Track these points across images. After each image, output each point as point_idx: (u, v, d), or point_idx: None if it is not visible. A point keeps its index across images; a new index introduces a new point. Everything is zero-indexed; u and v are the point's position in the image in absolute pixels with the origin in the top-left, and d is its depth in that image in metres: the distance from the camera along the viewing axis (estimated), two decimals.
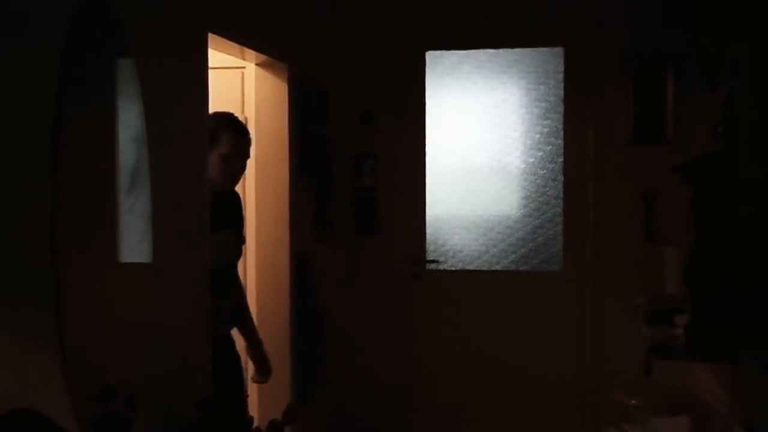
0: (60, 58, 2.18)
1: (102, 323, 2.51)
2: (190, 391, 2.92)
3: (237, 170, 3.51)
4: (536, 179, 5.02)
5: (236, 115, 3.63)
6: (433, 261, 5.09)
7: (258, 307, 4.23)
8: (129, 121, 2.63)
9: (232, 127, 3.46)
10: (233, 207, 3.68)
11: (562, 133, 4.97)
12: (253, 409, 3.89)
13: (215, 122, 3.39)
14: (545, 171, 5.01)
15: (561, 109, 4.97)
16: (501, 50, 5.04)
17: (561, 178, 4.98)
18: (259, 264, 4.26)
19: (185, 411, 2.75)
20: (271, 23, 4.08)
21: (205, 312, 3.23)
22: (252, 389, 4.07)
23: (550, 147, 4.99)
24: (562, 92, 4.96)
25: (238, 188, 3.74)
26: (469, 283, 5.08)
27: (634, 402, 4.20)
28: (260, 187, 4.24)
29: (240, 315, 3.73)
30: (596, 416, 4.79)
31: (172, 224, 2.88)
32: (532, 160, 5.03)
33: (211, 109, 3.33)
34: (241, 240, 3.74)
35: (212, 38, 3.37)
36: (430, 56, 5.09)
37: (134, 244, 2.72)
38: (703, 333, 3.32)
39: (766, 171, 3.07)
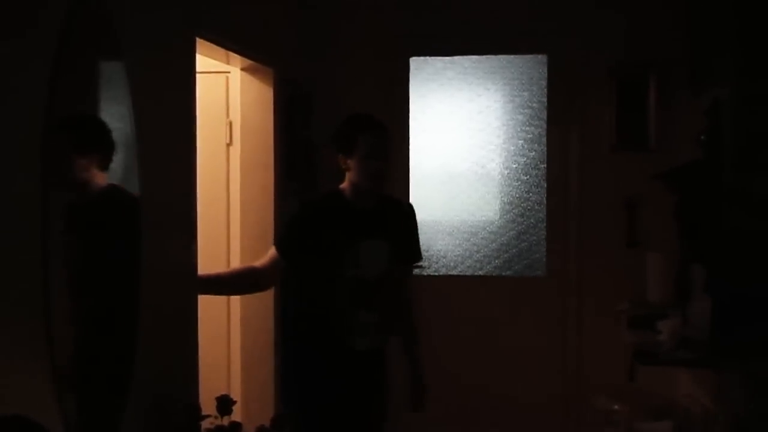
0: (50, 61, 2.17)
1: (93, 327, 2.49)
2: (175, 397, 2.90)
3: (376, 171, 3.41)
4: (519, 185, 5.04)
5: (372, 114, 3.53)
6: (417, 266, 5.08)
7: (242, 311, 4.21)
8: (116, 125, 2.61)
9: (366, 128, 3.43)
10: (390, 216, 3.57)
11: (545, 139, 4.99)
12: (237, 415, 3.87)
13: (349, 126, 3.47)
14: (528, 177, 5.03)
15: (544, 115, 4.99)
16: (485, 57, 5.06)
17: (544, 184, 5.00)
18: None
19: (171, 417, 2.74)
20: (256, 28, 4.07)
21: (192, 316, 3.21)
22: (235, 393, 4.05)
23: (534, 153, 5.01)
24: (545, 99, 4.99)
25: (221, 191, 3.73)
26: (453, 288, 5.09)
27: (617, 407, 4.22)
28: (245, 193, 4.22)
29: (387, 332, 3.57)
30: (579, 422, 4.81)
31: (159, 226, 2.86)
32: (515, 166, 5.04)
33: (198, 114, 3.32)
34: (403, 254, 3.59)
35: (198, 42, 3.36)
36: (415, 62, 5.10)
37: (121, 246, 2.70)
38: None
39: (750, 179, 3.10)
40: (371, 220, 3.47)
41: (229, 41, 3.71)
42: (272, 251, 3.52)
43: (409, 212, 3.68)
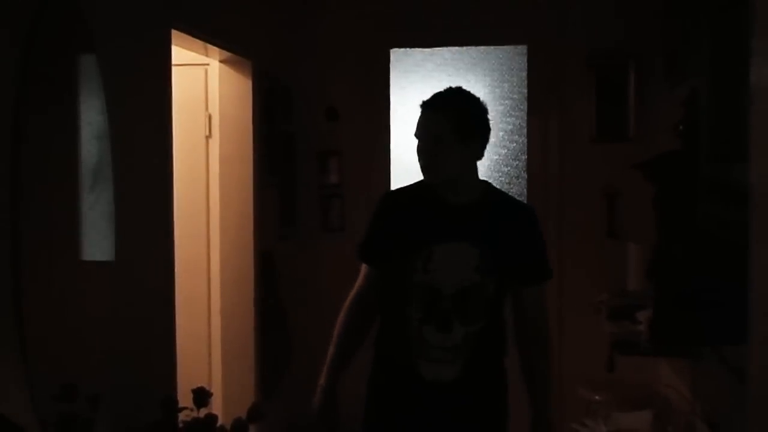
0: (20, 54, 2.15)
1: (63, 322, 2.48)
2: (154, 390, 2.89)
3: (421, 153, 2.75)
4: (500, 176, 5.04)
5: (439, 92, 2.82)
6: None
7: (222, 306, 4.20)
8: (91, 118, 2.60)
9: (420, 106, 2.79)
10: (494, 217, 2.79)
11: (525, 130, 4.99)
12: (217, 407, 3.87)
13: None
14: (509, 168, 5.03)
15: (525, 106, 5.00)
16: (465, 48, 5.06)
17: (525, 175, 5.00)
18: (224, 263, 4.23)
19: (148, 411, 2.73)
20: (234, 20, 4.06)
21: (169, 309, 3.20)
22: (215, 386, 4.05)
23: (514, 144, 5.02)
24: (525, 90, 4.99)
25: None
26: None
27: (597, 398, 4.23)
28: (224, 185, 4.21)
29: (475, 362, 2.77)
30: (559, 412, 4.82)
31: (134, 221, 2.85)
32: (496, 157, 5.04)
33: (174, 106, 3.30)
34: (516, 268, 2.78)
35: (175, 35, 3.35)
36: (395, 53, 5.09)
37: (96, 241, 2.69)
38: (668, 328, 3.36)
39: (726, 169, 3.10)
40: (460, 218, 2.73)
41: (207, 33, 3.69)
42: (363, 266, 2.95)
43: (528, 217, 2.87)
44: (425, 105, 2.76)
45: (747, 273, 2.10)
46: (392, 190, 3.07)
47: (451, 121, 2.71)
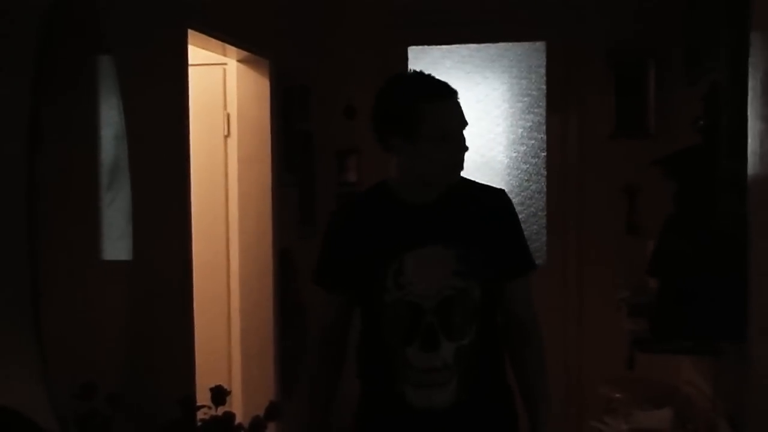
0: (35, 54, 2.17)
1: (83, 321, 2.50)
2: (172, 389, 2.91)
3: (451, 157, 2.40)
4: (519, 174, 5.03)
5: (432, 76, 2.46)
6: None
7: (241, 304, 4.22)
8: (111, 118, 2.61)
9: (436, 95, 2.38)
10: (463, 210, 2.41)
11: (544, 127, 4.97)
12: (237, 405, 3.88)
13: (407, 93, 2.40)
14: (528, 165, 5.01)
15: (543, 103, 4.98)
16: (483, 45, 5.04)
17: (544, 172, 4.98)
18: (243, 262, 4.24)
19: (167, 409, 2.74)
20: (251, 19, 4.07)
21: (187, 310, 3.21)
22: (235, 384, 4.06)
23: (533, 141, 5.00)
24: (544, 87, 4.97)
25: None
26: None
27: (617, 395, 4.21)
28: (243, 184, 4.22)
29: (469, 381, 2.36)
30: (579, 410, 4.80)
31: (152, 221, 2.87)
32: (515, 154, 5.03)
33: (191, 107, 3.31)
34: (495, 263, 2.38)
35: (193, 35, 3.36)
36: (413, 51, 5.07)
37: (114, 240, 2.71)
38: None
39: (745, 165, 3.08)
40: (428, 218, 2.36)
41: (224, 33, 3.70)
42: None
43: (500, 202, 2.48)
44: (451, 92, 2.38)
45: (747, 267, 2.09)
46: (344, 202, 2.69)
47: (461, 109, 2.42)
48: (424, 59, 5.09)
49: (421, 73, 2.42)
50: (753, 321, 2.01)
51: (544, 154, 4.98)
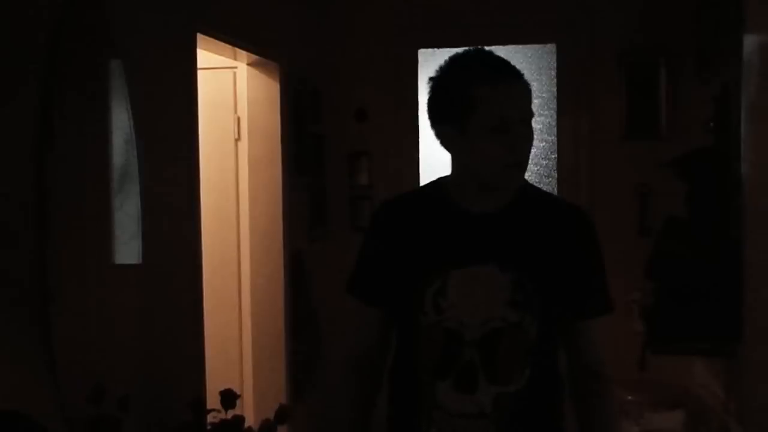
0: (46, 58, 2.18)
1: (93, 323, 2.51)
2: (182, 392, 2.92)
3: (514, 153, 1.99)
4: (530, 175, 4.99)
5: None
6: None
7: (252, 307, 4.22)
8: (118, 122, 2.63)
9: (496, 78, 2.02)
10: (531, 227, 2.03)
11: (555, 129, 4.96)
12: (248, 408, 3.89)
13: (461, 75, 2.06)
14: (539, 167, 5.00)
15: (554, 105, 4.96)
16: (493, 47, 4.98)
17: (555, 174, 4.97)
18: (254, 264, 4.25)
19: (177, 413, 2.75)
20: (262, 22, 4.08)
21: (198, 312, 3.22)
22: (246, 388, 4.07)
23: (544, 143, 4.98)
24: (555, 88, 4.95)
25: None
26: None
27: (629, 397, 4.19)
28: (254, 188, 4.23)
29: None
30: None
31: (162, 224, 2.88)
32: None
33: (201, 111, 3.32)
34: (565, 298, 2.02)
35: (203, 39, 3.37)
36: (423, 54, 5.07)
37: (125, 244, 2.72)
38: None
39: None
40: (484, 231, 1.99)
41: (234, 37, 3.71)
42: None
43: (580, 224, 2.10)
44: (512, 74, 1.99)
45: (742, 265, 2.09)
46: (391, 200, 2.21)
47: (531, 94, 2.01)
48: (435, 62, 5.02)
49: (479, 51, 2.06)
50: (749, 321, 2.01)
51: (555, 155, 4.96)
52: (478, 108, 1.92)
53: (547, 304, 1.96)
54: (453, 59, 2.06)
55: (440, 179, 2.12)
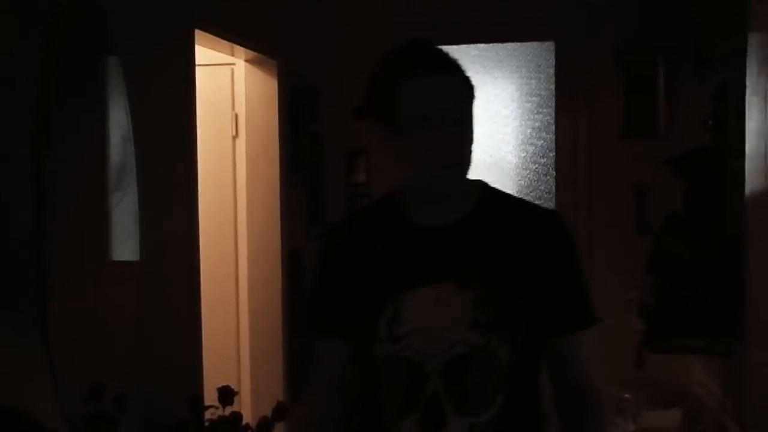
0: (42, 55, 2.17)
1: (90, 321, 2.50)
2: (179, 389, 2.91)
3: (446, 142, 1.78)
4: (528, 174, 5.02)
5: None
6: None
7: (250, 305, 4.22)
8: (115, 119, 2.62)
9: (419, 68, 1.80)
10: (493, 237, 1.81)
11: (553, 127, 4.96)
12: (245, 405, 3.88)
13: (388, 68, 1.89)
14: (537, 166, 5.00)
15: (552, 103, 4.96)
16: (492, 45, 5.03)
17: (553, 172, 4.97)
18: (251, 262, 4.24)
19: (174, 410, 2.74)
20: (260, 19, 4.07)
21: (195, 309, 3.21)
22: (244, 385, 4.06)
23: (542, 142, 4.99)
24: (553, 87, 4.95)
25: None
26: None
27: (626, 396, 4.20)
28: (251, 185, 4.22)
29: None
30: None
31: (159, 221, 2.87)
32: (524, 154, 5.02)
33: (199, 108, 3.32)
34: (541, 314, 1.78)
35: (200, 35, 3.36)
36: None
37: (122, 241, 2.71)
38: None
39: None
40: (440, 246, 1.78)
41: (232, 33, 3.71)
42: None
43: (550, 228, 1.86)
44: (443, 65, 1.76)
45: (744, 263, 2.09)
46: (339, 221, 2.14)
47: (470, 90, 1.78)
48: None
49: (414, 42, 1.82)
50: (747, 319, 2.01)
51: (553, 154, 4.96)
52: (402, 104, 1.73)
53: (518, 323, 1.74)
54: (387, 52, 1.86)
55: (390, 194, 1.91)
